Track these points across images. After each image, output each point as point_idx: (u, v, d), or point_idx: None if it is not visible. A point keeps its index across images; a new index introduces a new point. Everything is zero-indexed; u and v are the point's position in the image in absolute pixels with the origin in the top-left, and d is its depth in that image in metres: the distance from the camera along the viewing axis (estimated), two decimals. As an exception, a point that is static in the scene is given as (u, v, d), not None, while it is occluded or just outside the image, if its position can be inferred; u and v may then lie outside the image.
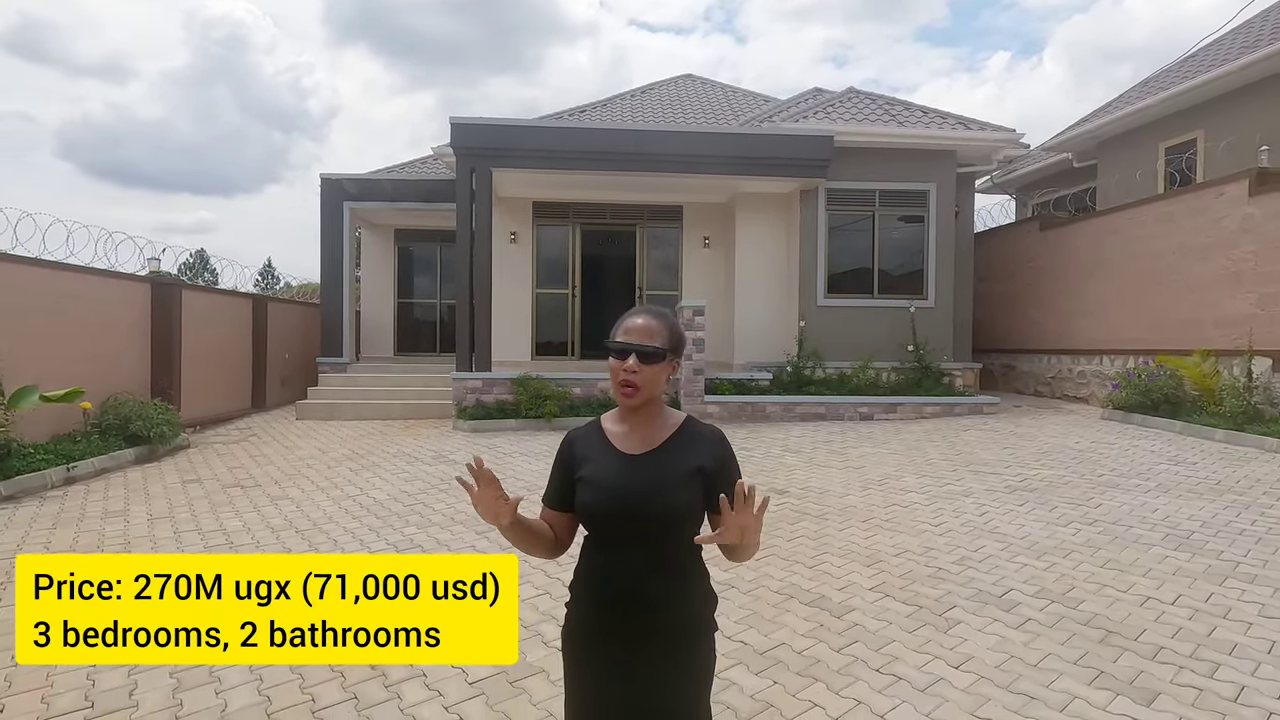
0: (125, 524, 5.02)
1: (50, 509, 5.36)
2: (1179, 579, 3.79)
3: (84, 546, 4.51)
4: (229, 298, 10.97)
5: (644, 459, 1.49)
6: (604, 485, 1.46)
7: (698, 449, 1.50)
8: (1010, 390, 12.33)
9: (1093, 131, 12.48)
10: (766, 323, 11.22)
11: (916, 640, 3.15)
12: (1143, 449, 7.14)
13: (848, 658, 3.00)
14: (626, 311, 1.59)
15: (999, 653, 3.02)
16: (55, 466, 6.08)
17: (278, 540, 4.65)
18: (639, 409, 1.52)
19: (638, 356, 1.46)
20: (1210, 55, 11.29)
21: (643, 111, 13.57)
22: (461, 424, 9.07)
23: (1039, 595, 3.62)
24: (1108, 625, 3.25)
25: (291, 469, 6.83)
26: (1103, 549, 4.27)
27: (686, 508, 1.45)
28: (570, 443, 1.58)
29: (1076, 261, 10.92)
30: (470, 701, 2.66)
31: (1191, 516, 4.85)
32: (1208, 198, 8.77)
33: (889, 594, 3.66)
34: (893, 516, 5.04)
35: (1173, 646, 3.04)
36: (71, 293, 7.29)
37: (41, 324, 6.85)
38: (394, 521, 5.04)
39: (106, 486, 6.12)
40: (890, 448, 7.60)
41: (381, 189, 12.30)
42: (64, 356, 7.05)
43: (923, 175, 10.73)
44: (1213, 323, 8.61)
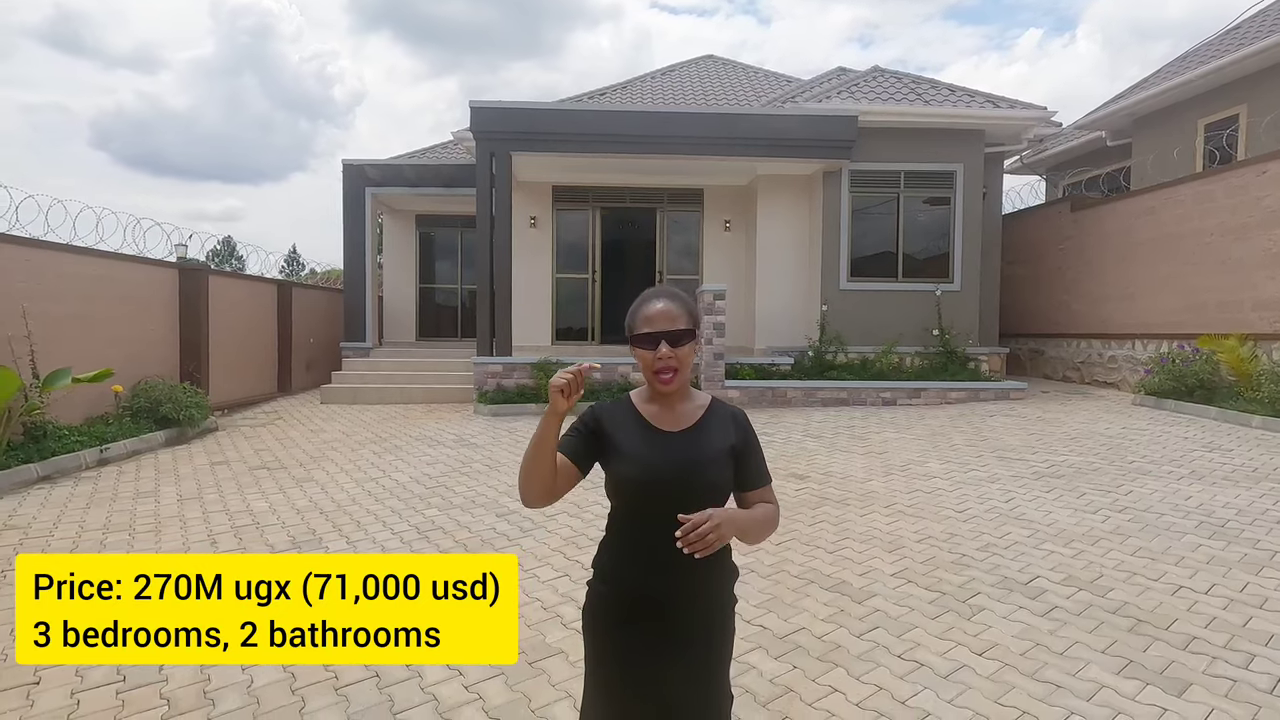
0: (156, 504, 5.13)
1: (85, 489, 5.50)
2: (1213, 568, 3.69)
3: (116, 525, 4.62)
4: (254, 283, 11.12)
5: (682, 436, 1.54)
6: (645, 460, 1.49)
7: (727, 428, 1.57)
8: (1038, 376, 12.08)
9: (1128, 108, 12.07)
10: (788, 307, 11.10)
11: (939, 627, 3.11)
12: (1176, 435, 6.96)
13: (868, 643, 2.97)
14: (639, 298, 1.60)
15: (1024, 640, 2.97)
16: (89, 448, 6.23)
17: (303, 521, 4.72)
18: (673, 393, 1.55)
19: (668, 342, 1.50)
20: (1255, 27, 10.83)
21: (663, 93, 13.42)
22: (482, 408, 9.13)
23: (1066, 583, 3.54)
24: (1137, 614, 3.18)
25: (316, 452, 6.93)
26: (1133, 537, 4.17)
27: (724, 483, 1.52)
28: (597, 415, 1.59)
29: (1109, 243, 10.62)
30: (489, 682, 2.68)
31: (1227, 504, 4.71)
32: (1249, 175, 8.45)
33: (911, 580, 3.62)
34: (915, 502, 4.97)
35: (1206, 636, 2.96)
36: (102, 278, 7.43)
37: (73, 309, 7.00)
38: (416, 504, 5.09)
39: (138, 468, 6.26)
40: (914, 433, 7.50)
41: (402, 174, 12.34)
42: (95, 341, 7.21)
43: (949, 156, 10.48)
44: (1251, 305, 8.33)
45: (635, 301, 1.60)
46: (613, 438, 1.54)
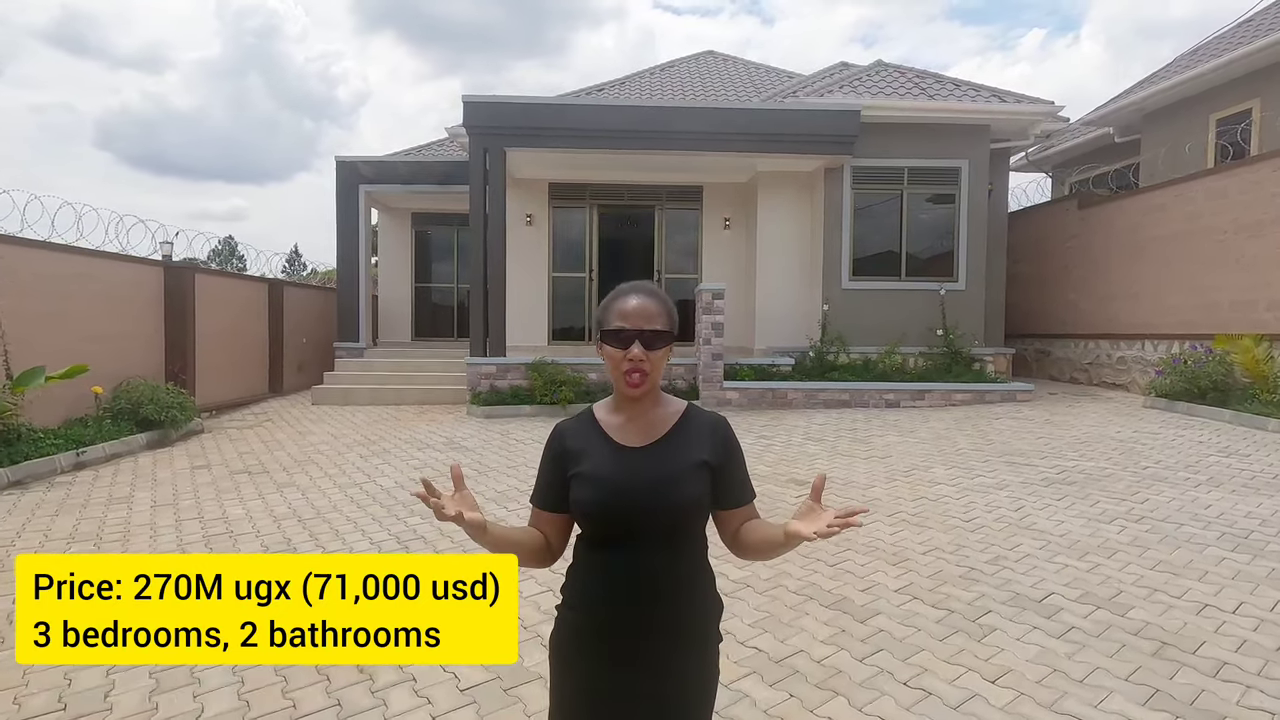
0: (128, 511, 4.93)
1: (56, 495, 5.30)
2: (1239, 584, 3.46)
3: (83, 534, 4.42)
4: (245, 282, 10.93)
5: (646, 451, 1.37)
6: (604, 481, 1.33)
7: (701, 439, 1.39)
8: (1044, 377, 11.84)
9: (1138, 103, 11.81)
10: (788, 306, 10.86)
11: (948, 650, 2.88)
12: (1189, 439, 6.72)
13: (871, 668, 2.75)
14: (615, 291, 1.41)
15: (1040, 665, 2.74)
16: (65, 451, 6.03)
17: (279, 530, 4.51)
18: (641, 398, 1.38)
19: (642, 342, 1.32)
20: (1269, 19, 10.57)
21: (662, 89, 13.20)
22: (475, 410, 8.92)
23: (1082, 600, 3.32)
24: (1161, 636, 2.95)
25: (302, 455, 6.73)
26: (1151, 549, 3.94)
27: (694, 504, 1.34)
28: (560, 436, 1.42)
29: (1117, 241, 10.37)
30: (459, 712, 2.46)
31: (1249, 514, 4.48)
32: (1264, 171, 8.20)
33: (917, 596, 3.39)
34: (920, 510, 4.75)
35: (1237, 662, 2.73)
36: (82, 276, 7.23)
37: (51, 308, 6.80)
38: (399, 511, 4.88)
39: (115, 472, 6.06)
40: (918, 436, 7.27)
41: (397, 171, 12.13)
42: (74, 340, 7.01)
43: (954, 151, 10.24)
44: (1266, 305, 8.09)
45: (610, 294, 1.42)
46: (577, 459, 1.37)
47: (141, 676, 2.68)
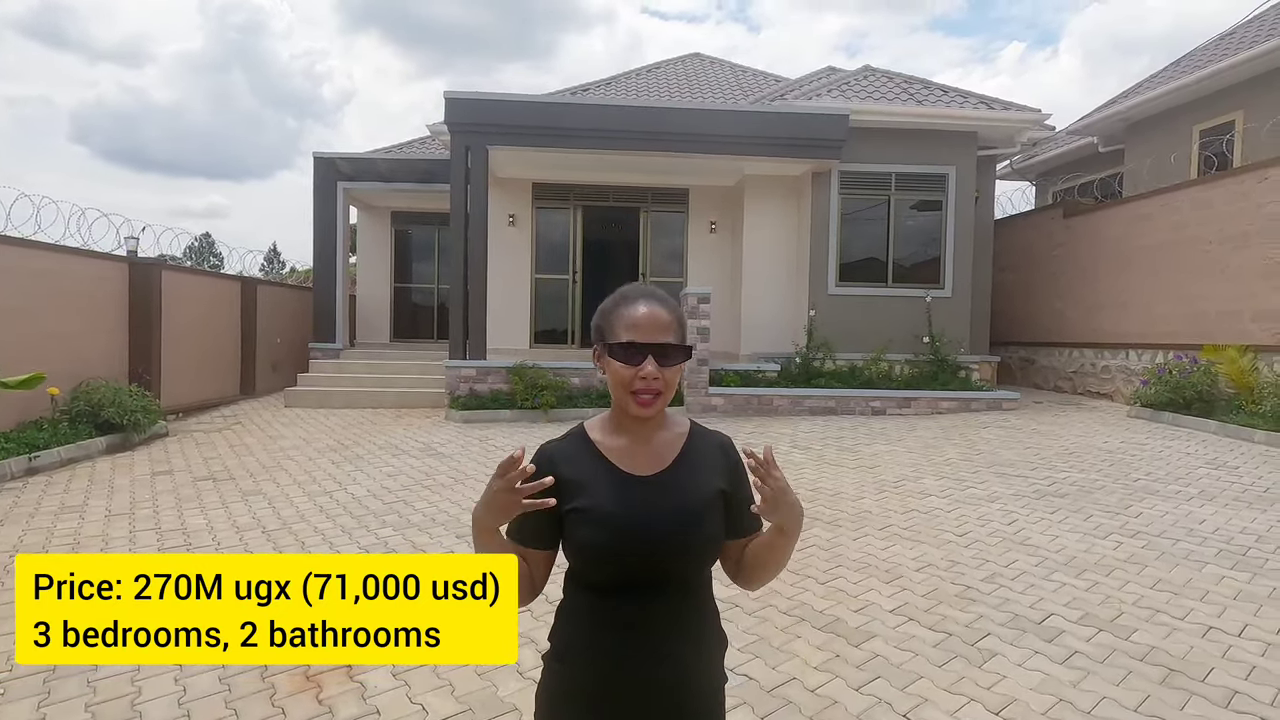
0: (79, 521, 4.64)
1: (3, 503, 4.98)
2: (1242, 604, 3.35)
3: (29, 546, 4.14)
4: (215, 280, 10.58)
5: (659, 482, 1.19)
6: (614, 518, 1.15)
7: (714, 464, 1.24)
8: (1029, 385, 11.83)
9: (1122, 113, 11.88)
10: (775, 312, 10.73)
11: (947, 677, 2.73)
12: (1177, 450, 6.67)
13: (869, 698, 2.58)
14: (618, 296, 1.22)
15: (1045, 695, 2.60)
16: (15, 456, 5.71)
17: (241, 542, 4.26)
18: (649, 419, 1.20)
19: (655, 358, 1.15)
20: (1251, 32, 10.67)
21: (648, 90, 13.04)
22: (454, 414, 8.68)
23: (1084, 622, 3.18)
24: (1168, 661, 2.82)
25: (270, 460, 6.45)
26: (1149, 566, 3.83)
27: (714, 542, 1.20)
28: (550, 461, 1.19)
29: (1102, 250, 10.38)
30: None
31: (1245, 529, 4.39)
32: (1249, 182, 8.22)
33: (913, 617, 3.24)
34: (912, 524, 4.61)
35: (1249, 691, 2.60)
36: (41, 272, 6.90)
37: (4, 305, 6.46)
38: (369, 521, 4.65)
39: (70, 478, 5.75)
40: (905, 445, 7.16)
41: (376, 169, 11.85)
42: (29, 339, 6.67)
43: (942, 158, 10.19)
44: (1251, 316, 8.10)
45: (612, 298, 1.23)
46: (575, 491, 1.17)
47: (124, 681, 2.53)
